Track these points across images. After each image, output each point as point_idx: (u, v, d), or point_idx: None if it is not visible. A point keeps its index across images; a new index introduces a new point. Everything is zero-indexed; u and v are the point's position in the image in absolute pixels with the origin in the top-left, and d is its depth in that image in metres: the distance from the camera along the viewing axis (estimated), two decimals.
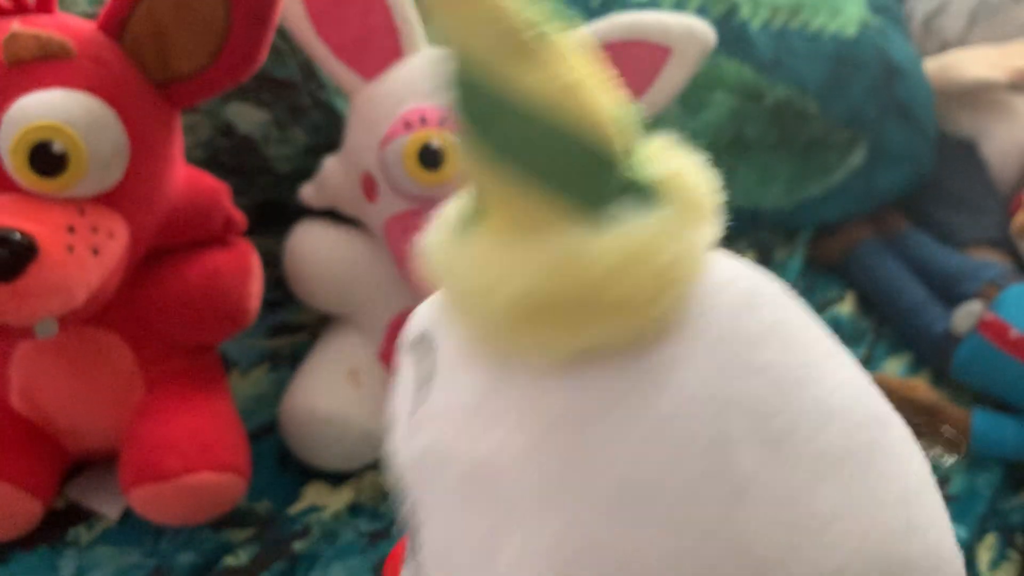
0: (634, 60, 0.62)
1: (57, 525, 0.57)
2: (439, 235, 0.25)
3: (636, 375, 0.22)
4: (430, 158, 0.55)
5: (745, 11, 0.82)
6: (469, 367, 0.25)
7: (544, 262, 0.22)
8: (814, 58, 0.83)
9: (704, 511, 0.21)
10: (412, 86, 0.58)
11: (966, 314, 0.78)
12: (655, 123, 0.80)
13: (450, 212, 0.26)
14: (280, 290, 0.74)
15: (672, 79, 0.64)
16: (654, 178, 0.23)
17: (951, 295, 0.82)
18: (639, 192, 0.23)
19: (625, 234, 0.22)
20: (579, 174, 0.22)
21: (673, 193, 0.23)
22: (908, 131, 0.88)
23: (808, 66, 0.82)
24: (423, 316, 0.29)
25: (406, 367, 0.30)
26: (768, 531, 0.21)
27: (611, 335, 0.22)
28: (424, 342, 0.28)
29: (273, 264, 0.67)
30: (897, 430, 0.24)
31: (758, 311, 0.23)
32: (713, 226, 0.24)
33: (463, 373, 0.25)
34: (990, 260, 0.85)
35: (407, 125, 0.56)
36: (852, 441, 0.22)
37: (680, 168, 0.24)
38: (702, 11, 0.80)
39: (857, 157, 0.87)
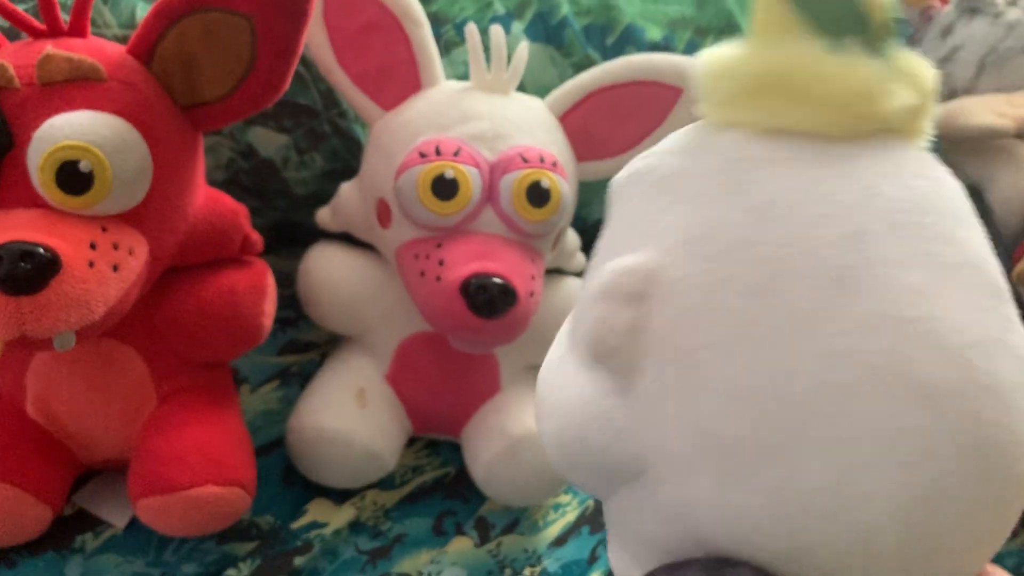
0: (646, 98, 0.64)
1: (65, 531, 0.59)
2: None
3: (822, 159, 0.28)
4: (443, 188, 0.57)
5: None
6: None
7: (790, 52, 0.28)
8: None
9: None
10: (429, 118, 0.59)
11: None
12: None
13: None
14: (293, 309, 0.75)
15: (683, 119, 0.65)
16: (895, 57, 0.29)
17: None
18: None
19: (859, 63, 0.28)
20: (846, 20, 0.28)
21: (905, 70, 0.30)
22: None
23: None
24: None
25: None
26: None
27: (811, 122, 0.28)
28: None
29: (287, 283, 0.68)
30: None
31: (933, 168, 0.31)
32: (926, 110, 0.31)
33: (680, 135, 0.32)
34: None
35: (422, 155, 0.57)
36: None
37: (915, 63, 0.30)
38: None
39: None
